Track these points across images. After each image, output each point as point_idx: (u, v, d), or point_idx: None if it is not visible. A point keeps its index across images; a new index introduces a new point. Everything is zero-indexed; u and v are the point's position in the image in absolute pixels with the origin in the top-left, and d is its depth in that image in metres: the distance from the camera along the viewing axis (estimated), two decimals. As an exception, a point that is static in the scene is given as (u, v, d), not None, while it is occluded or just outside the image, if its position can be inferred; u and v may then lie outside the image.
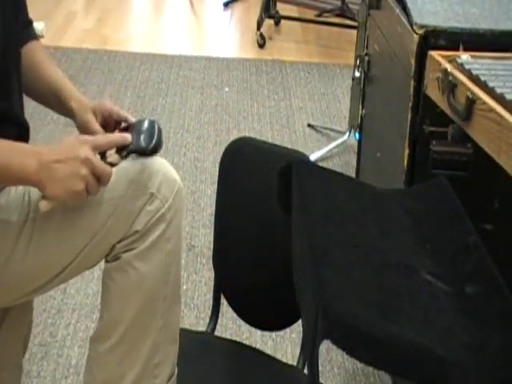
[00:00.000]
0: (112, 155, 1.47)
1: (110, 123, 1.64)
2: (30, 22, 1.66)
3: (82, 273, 1.58)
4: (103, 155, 1.46)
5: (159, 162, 1.55)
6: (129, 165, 1.52)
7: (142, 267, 1.51)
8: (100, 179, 1.43)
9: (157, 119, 1.56)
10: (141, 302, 1.52)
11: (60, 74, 1.68)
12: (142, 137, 1.50)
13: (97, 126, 1.62)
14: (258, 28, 4.97)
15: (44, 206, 1.44)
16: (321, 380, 1.28)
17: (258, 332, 2.46)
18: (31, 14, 1.69)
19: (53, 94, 1.66)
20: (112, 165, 1.46)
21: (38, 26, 4.71)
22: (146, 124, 1.53)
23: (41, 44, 1.69)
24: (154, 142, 1.50)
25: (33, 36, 1.67)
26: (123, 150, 1.48)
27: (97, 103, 1.66)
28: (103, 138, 1.50)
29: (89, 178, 1.41)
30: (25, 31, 1.65)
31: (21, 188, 1.50)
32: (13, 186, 1.47)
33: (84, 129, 1.64)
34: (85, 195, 1.43)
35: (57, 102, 1.67)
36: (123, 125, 1.62)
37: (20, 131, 1.54)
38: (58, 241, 1.49)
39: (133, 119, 1.61)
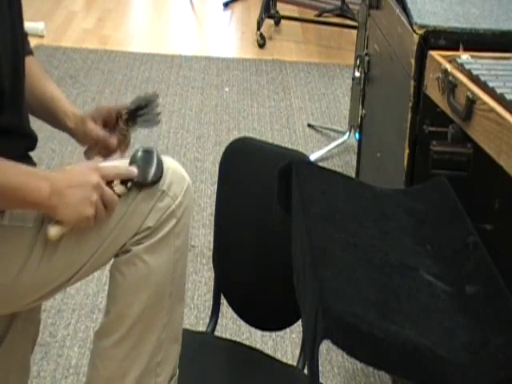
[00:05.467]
0: (117, 185, 1.51)
1: (111, 121, 1.68)
2: (26, 35, 1.65)
3: (94, 272, 1.59)
4: (109, 184, 1.50)
5: (168, 160, 1.58)
6: None
7: (150, 260, 1.52)
8: (107, 206, 1.47)
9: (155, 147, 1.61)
10: (148, 297, 1.53)
11: (54, 90, 1.69)
12: (144, 169, 1.54)
13: (98, 132, 1.66)
14: (258, 28, 4.97)
15: (53, 234, 1.45)
16: (321, 380, 1.28)
17: (258, 332, 2.46)
18: (31, 14, 1.69)
19: (47, 111, 1.67)
20: (118, 195, 1.50)
21: (38, 26, 4.71)
22: (145, 155, 1.56)
23: (35, 59, 1.69)
24: (152, 175, 1.54)
25: (29, 50, 1.67)
26: (128, 182, 1.52)
27: (93, 109, 1.69)
28: (112, 168, 1.53)
29: (98, 204, 1.45)
30: (24, 44, 1.65)
31: None
32: (23, 209, 1.47)
33: (87, 139, 1.67)
34: (93, 221, 1.46)
35: (52, 119, 1.69)
36: (124, 113, 1.66)
37: (29, 143, 1.55)
38: (73, 245, 1.49)
39: (131, 105, 1.65)
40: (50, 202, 1.42)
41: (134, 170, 1.53)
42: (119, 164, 1.57)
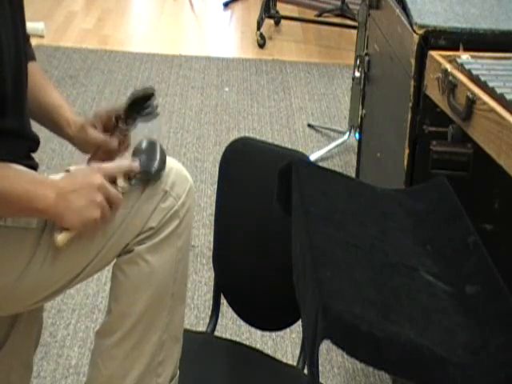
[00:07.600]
0: (120, 182, 1.51)
1: (111, 124, 1.67)
2: (28, 38, 1.64)
3: (96, 273, 1.58)
4: (113, 183, 1.49)
5: (171, 161, 1.58)
6: None
7: (153, 260, 1.53)
8: (112, 205, 1.47)
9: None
10: (150, 296, 1.54)
11: (57, 98, 1.69)
12: (146, 161, 1.54)
13: (99, 138, 1.65)
14: (258, 28, 4.97)
15: (60, 240, 1.45)
16: (321, 380, 1.28)
17: (258, 332, 2.46)
18: (31, 14, 1.68)
19: (49, 119, 1.67)
20: (122, 192, 1.50)
21: (38, 26, 4.71)
22: (148, 146, 1.56)
23: (37, 65, 1.69)
24: (156, 164, 1.54)
25: (32, 55, 1.67)
26: (131, 179, 1.52)
27: (92, 116, 1.68)
28: (113, 165, 1.53)
29: (104, 205, 1.45)
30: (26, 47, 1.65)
31: None
32: (28, 217, 1.46)
33: (88, 146, 1.67)
34: (99, 223, 1.46)
35: (54, 127, 1.69)
36: (123, 114, 1.65)
37: (31, 145, 1.55)
38: (76, 246, 1.49)
39: (129, 105, 1.64)
40: (55, 209, 1.42)
41: (136, 163, 1.52)
42: (120, 160, 1.57)
